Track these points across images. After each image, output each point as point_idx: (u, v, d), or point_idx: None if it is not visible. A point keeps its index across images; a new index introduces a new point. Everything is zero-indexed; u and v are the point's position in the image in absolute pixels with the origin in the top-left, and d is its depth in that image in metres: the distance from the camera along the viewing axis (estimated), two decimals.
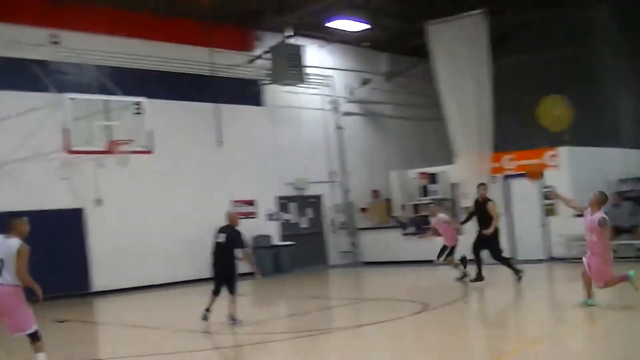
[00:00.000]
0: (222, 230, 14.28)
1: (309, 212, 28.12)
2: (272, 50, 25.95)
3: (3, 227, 10.12)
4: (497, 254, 17.48)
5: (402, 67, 30.76)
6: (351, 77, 29.83)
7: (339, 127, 29.02)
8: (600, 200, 13.03)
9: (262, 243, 25.07)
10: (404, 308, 15.28)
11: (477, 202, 17.97)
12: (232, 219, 14.52)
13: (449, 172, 25.31)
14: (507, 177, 23.55)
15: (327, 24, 26.49)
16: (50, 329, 15.30)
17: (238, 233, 14.22)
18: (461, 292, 16.79)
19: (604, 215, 12.83)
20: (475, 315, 14.83)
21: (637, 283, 12.69)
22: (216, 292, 14.10)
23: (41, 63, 20.56)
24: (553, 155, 22.84)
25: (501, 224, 18.86)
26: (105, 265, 21.31)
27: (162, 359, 11.34)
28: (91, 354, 12.87)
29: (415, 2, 25.83)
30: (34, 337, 9.88)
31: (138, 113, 18.58)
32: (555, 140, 23.68)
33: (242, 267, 14.42)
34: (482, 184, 18.33)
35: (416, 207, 26.48)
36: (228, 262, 14.04)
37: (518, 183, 22.96)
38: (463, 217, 20.01)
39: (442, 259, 18.62)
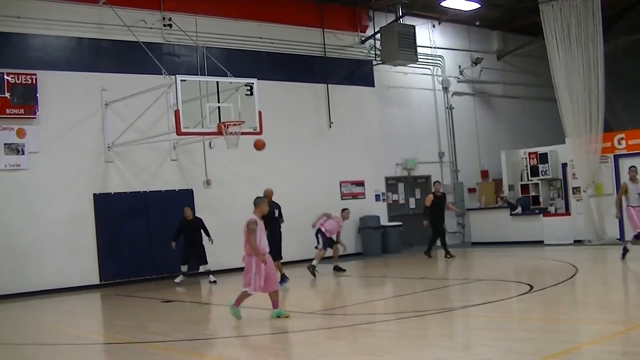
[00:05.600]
0: None
1: (418, 193, 28.16)
2: (383, 30, 26.07)
3: (115, 205, 10.50)
4: None
5: (513, 45, 30.48)
6: (462, 57, 29.69)
7: (448, 107, 28.94)
8: None
9: (369, 223, 25.28)
10: (510, 289, 15.22)
11: None
12: None
13: (559, 152, 24.97)
14: (617, 156, 23.00)
15: (440, 4, 26.46)
16: (157, 308, 15.94)
17: None
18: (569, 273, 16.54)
19: None
20: (581, 297, 14.61)
21: None
22: None
23: (154, 46, 21.08)
24: None
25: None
26: (213, 247, 21.01)
27: (261, 338, 11.51)
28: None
29: None
30: None
31: (249, 94, 18.90)
32: None
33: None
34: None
35: (525, 187, 26.30)
36: None
37: (629, 163, 22.43)
38: None
39: None
